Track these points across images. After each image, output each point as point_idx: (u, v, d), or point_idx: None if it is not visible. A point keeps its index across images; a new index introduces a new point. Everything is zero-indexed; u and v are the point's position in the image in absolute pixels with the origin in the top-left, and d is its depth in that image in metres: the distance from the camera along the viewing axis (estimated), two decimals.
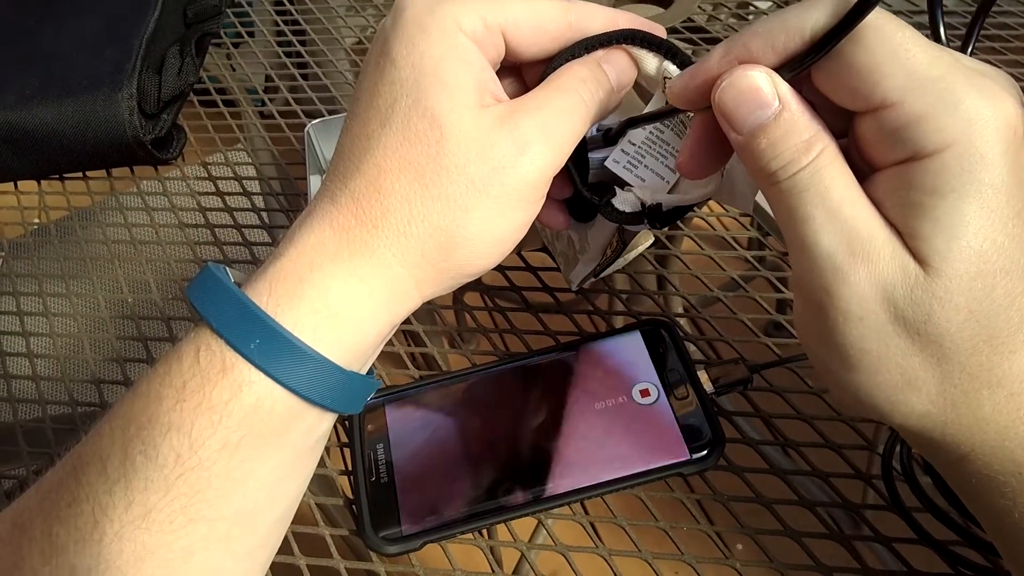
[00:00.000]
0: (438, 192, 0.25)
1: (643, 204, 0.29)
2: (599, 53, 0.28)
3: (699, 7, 0.61)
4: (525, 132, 0.26)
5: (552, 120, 0.26)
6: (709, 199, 0.29)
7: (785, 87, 0.21)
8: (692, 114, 0.28)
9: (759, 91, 0.21)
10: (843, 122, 0.22)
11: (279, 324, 0.24)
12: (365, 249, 0.25)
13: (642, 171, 0.30)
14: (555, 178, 0.27)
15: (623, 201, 0.30)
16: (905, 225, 0.20)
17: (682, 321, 0.42)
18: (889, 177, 0.21)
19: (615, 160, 0.30)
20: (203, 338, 0.24)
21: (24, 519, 0.24)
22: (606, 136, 0.30)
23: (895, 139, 0.20)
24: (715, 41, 0.59)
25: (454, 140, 0.25)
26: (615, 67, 0.28)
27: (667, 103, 0.28)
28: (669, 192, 0.30)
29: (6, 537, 0.24)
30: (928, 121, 0.20)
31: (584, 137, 0.29)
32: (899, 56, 0.20)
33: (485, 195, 0.25)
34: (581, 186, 0.30)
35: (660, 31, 0.29)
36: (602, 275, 0.39)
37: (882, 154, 0.21)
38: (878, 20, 0.20)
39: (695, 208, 0.48)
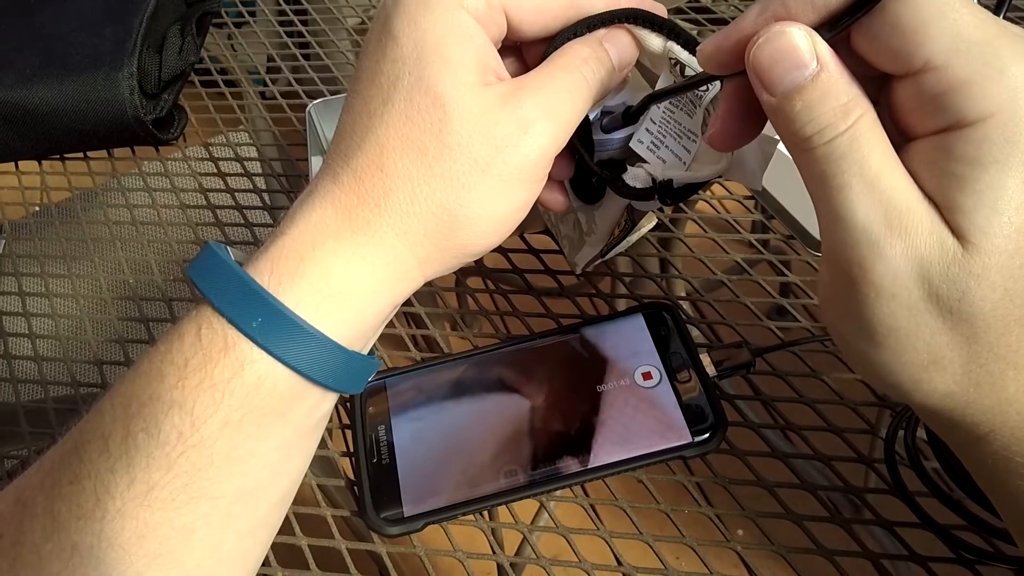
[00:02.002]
0: (441, 171, 0.25)
1: (654, 180, 0.29)
2: (601, 32, 0.28)
3: None
4: (528, 111, 0.25)
5: (555, 99, 0.26)
6: (720, 176, 0.29)
7: (824, 47, 0.20)
8: (704, 91, 0.28)
9: (796, 50, 0.20)
10: (875, 89, 0.22)
11: (281, 303, 0.24)
12: (368, 228, 0.25)
13: (663, 152, 0.29)
14: (556, 159, 0.27)
15: (634, 177, 0.30)
16: (944, 198, 0.20)
17: (685, 304, 0.41)
18: (927, 147, 0.20)
19: (639, 140, 0.30)
20: (204, 316, 0.24)
21: (26, 496, 0.24)
22: (626, 114, 0.30)
23: (935, 105, 0.20)
24: (721, 22, 0.58)
25: (457, 119, 0.25)
26: (617, 46, 0.28)
27: (675, 80, 0.28)
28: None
29: (8, 514, 0.24)
30: (971, 87, 0.19)
31: (587, 116, 0.29)
32: (946, 16, 0.19)
33: (488, 174, 0.25)
34: (591, 163, 0.30)
35: (661, 11, 0.28)
36: (607, 257, 0.39)
37: (920, 121, 0.20)
38: None
39: (702, 189, 0.48)
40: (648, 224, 0.41)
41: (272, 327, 0.24)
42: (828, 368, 0.37)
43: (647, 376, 0.36)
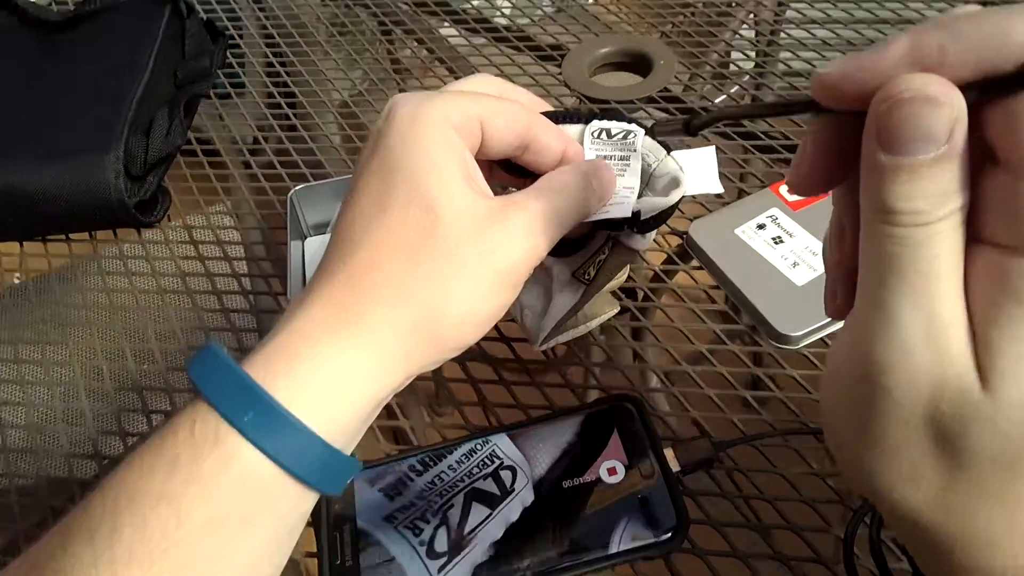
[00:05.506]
0: (429, 269, 0.27)
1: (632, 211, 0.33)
2: (589, 165, 0.32)
3: (675, 77, 0.63)
4: (516, 227, 0.28)
5: (542, 218, 0.29)
6: (682, 197, 0.33)
7: (962, 129, 0.18)
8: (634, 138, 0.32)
9: (936, 122, 0.18)
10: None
11: (272, 397, 0.25)
12: (359, 319, 0.27)
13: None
14: None
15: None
16: (982, 328, 0.18)
17: (658, 396, 0.42)
18: (989, 260, 0.19)
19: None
20: (200, 412, 0.26)
21: None
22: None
23: (1018, 218, 0.18)
24: (691, 111, 0.60)
25: (447, 221, 0.28)
26: (602, 180, 0.32)
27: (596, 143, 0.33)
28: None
29: None
30: None
31: None
32: None
33: (473, 277, 0.28)
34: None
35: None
36: (563, 334, 0.39)
37: (998, 225, 0.19)
38: None
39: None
40: (610, 311, 0.42)
41: (262, 422, 0.25)
42: (788, 464, 0.38)
43: (612, 472, 0.36)
